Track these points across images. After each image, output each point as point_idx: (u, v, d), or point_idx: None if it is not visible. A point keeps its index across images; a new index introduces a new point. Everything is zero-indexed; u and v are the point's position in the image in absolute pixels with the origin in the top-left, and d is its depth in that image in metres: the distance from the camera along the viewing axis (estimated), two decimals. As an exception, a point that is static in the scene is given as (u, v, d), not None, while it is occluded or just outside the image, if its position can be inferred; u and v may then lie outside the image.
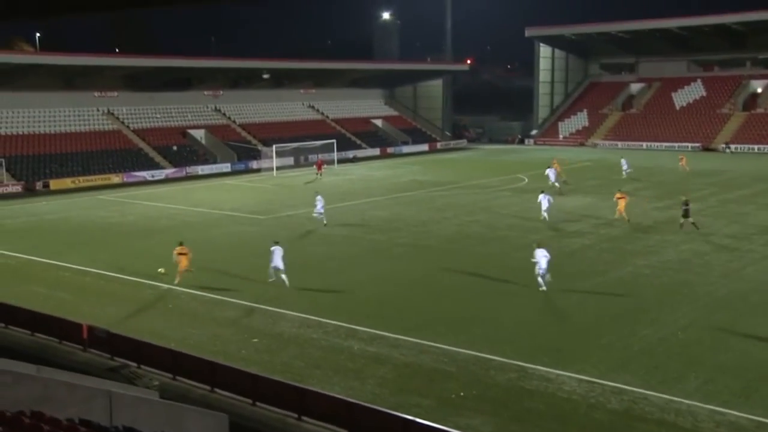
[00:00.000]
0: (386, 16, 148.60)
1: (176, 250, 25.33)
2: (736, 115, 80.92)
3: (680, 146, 76.61)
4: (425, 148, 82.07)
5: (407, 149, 79.74)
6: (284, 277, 24.32)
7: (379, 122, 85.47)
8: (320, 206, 35.75)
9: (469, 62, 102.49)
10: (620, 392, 16.20)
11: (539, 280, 23.82)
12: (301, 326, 20.90)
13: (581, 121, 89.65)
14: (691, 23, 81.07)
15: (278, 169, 61.22)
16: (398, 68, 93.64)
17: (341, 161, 66.68)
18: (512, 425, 14.98)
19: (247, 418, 15.28)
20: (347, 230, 35.08)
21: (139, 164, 60.25)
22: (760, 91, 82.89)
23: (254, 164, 65.01)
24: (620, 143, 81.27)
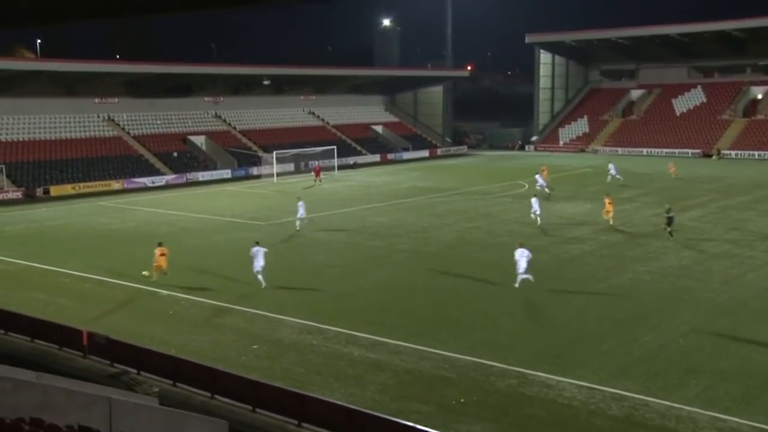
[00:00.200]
0: (387, 22, 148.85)
1: (157, 251, 26.60)
2: (736, 121, 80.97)
3: (681, 152, 76.64)
4: (426, 154, 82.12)
5: (407, 155, 79.78)
6: (260, 277, 25.36)
7: (379, 128, 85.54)
8: (302, 212, 36.23)
9: (469, 68, 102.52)
10: (621, 398, 16.18)
11: (519, 278, 24.66)
12: (301, 332, 20.89)
13: (581, 127, 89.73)
14: (691, 30, 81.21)
15: (278, 175, 61.24)
16: (399, 74, 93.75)
17: (341, 167, 66.71)
18: (513, 432, 14.98)
19: (247, 424, 15.27)
20: (347, 236, 35.09)
21: (139, 170, 60.29)
22: (760, 97, 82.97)
23: (254, 170, 65.03)
24: (620, 149, 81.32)
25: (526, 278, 24.63)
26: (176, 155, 64.93)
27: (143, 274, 27.06)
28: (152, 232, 37.32)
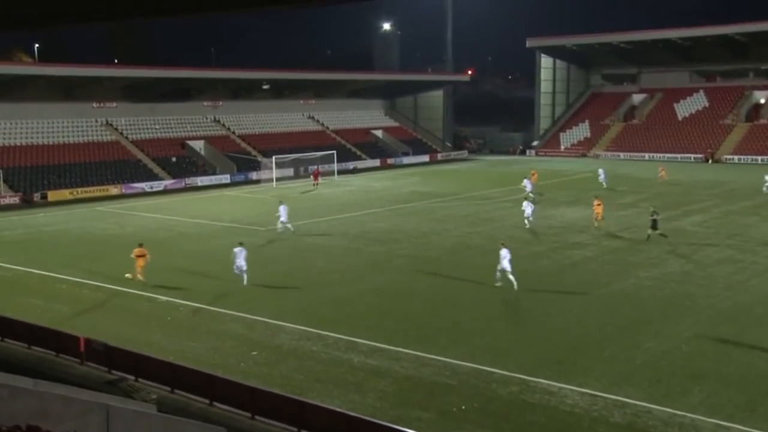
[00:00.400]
0: (387, 26, 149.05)
1: (135, 251, 27.50)
2: (739, 126, 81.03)
3: (683, 157, 76.70)
4: (426, 159, 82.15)
5: (408, 160, 79.81)
6: (244, 275, 26.51)
7: (379, 133, 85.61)
8: (284, 216, 36.52)
9: (470, 73, 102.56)
10: (623, 405, 16.15)
11: (497, 275, 25.53)
12: (300, 339, 20.86)
13: (583, 132, 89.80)
14: (693, 34, 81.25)
15: (278, 180, 61.26)
16: (399, 79, 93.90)
17: (341, 172, 66.72)
18: (514, 439, 14.94)
19: (246, 431, 15.24)
20: (347, 242, 35.07)
21: (137, 175, 60.31)
22: (763, 101, 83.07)
23: (254, 175, 65.06)
24: (622, 154, 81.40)
25: (509, 277, 25.29)
26: (175, 160, 64.95)
27: (126, 276, 27.60)
28: (150, 237, 37.26)
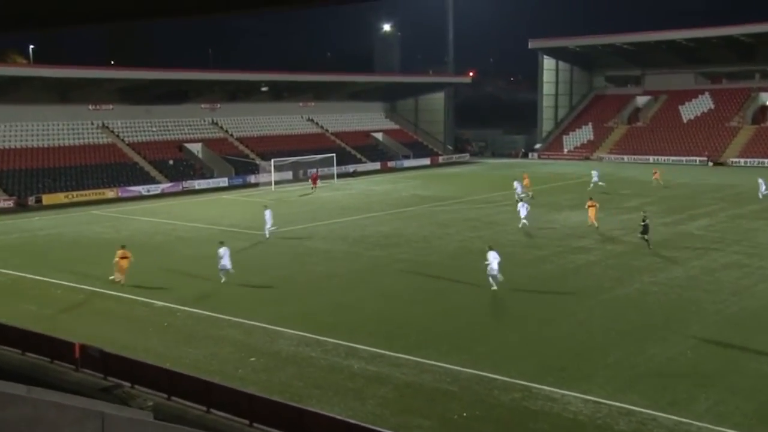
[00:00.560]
0: (387, 28, 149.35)
1: (118, 253, 28.09)
2: (745, 128, 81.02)
3: (688, 160, 76.61)
4: (427, 162, 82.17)
5: (408, 163, 79.81)
6: (228, 268, 27.58)
7: (379, 136, 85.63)
8: (269, 220, 37.16)
9: (471, 75, 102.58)
10: (628, 413, 16.10)
11: (490, 280, 26.04)
12: (299, 344, 20.83)
13: (586, 134, 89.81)
14: (698, 35, 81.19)
15: (277, 183, 61.25)
16: (399, 81, 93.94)
17: (341, 175, 66.74)
18: (517, 447, 14.90)
19: (243, 439, 15.21)
20: (347, 246, 35.06)
21: (134, 179, 60.32)
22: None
23: (252, 179, 65.07)
24: (626, 157, 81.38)
25: (496, 278, 26.15)
26: (172, 163, 64.96)
27: (110, 279, 28.02)
28: (147, 241, 37.30)
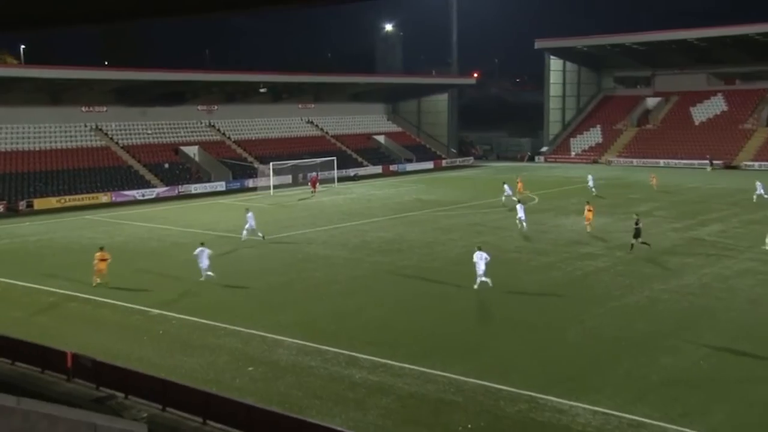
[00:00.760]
0: (389, 27, 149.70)
1: (97, 255, 28.68)
2: (759, 130, 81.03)
3: (700, 164, 76.65)
4: (430, 165, 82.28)
5: (411, 167, 79.94)
6: (210, 273, 28.57)
7: (381, 138, 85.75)
8: (251, 223, 37.50)
9: (475, 75, 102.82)
10: (638, 425, 16.05)
11: (477, 280, 26.76)
12: (299, 353, 20.81)
13: (594, 137, 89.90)
14: (710, 34, 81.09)
15: (275, 188, 61.33)
16: (401, 82, 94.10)
17: (342, 179, 66.80)
18: (524, 460, 14.86)
19: (241, 452, 15.18)
20: (348, 252, 35.06)
21: (128, 183, 60.42)
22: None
23: (250, 183, 65.21)
24: (636, 160, 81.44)
25: (484, 281, 26.69)
26: (167, 167, 65.07)
27: (95, 285, 28.53)
28: (142, 247, 37.33)
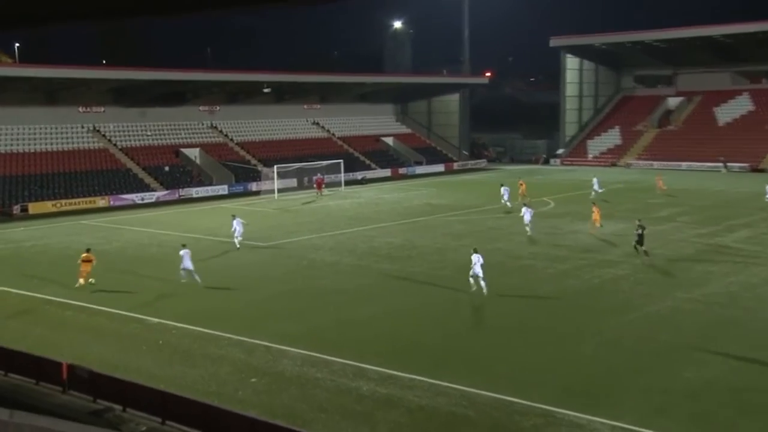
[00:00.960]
0: (398, 24, 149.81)
1: (82, 256, 29.58)
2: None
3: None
4: (441, 168, 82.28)
5: (421, 170, 79.96)
6: (197, 276, 29.25)
7: (390, 140, 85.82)
8: (238, 229, 37.57)
9: (488, 75, 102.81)
10: (661, 441, 15.98)
11: (470, 281, 27.30)
12: (304, 364, 20.81)
13: (613, 139, 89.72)
14: (736, 30, 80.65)
15: (280, 191, 61.42)
16: (411, 81, 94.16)
17: (349, 183, 66.86)
18: (540, 477, 14.81)
19: (243, 467, 15.17)
20: (355, 259, 35.07)
21: (127, 186, 60.60)
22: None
23: (254, 186, 65.31)
24: (657, 163, 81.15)
25: (478, 281, 27.04)
26: (168, 169, 65.26)
27: (90, 281, 29.35)
28: (141, 253, 37.43)
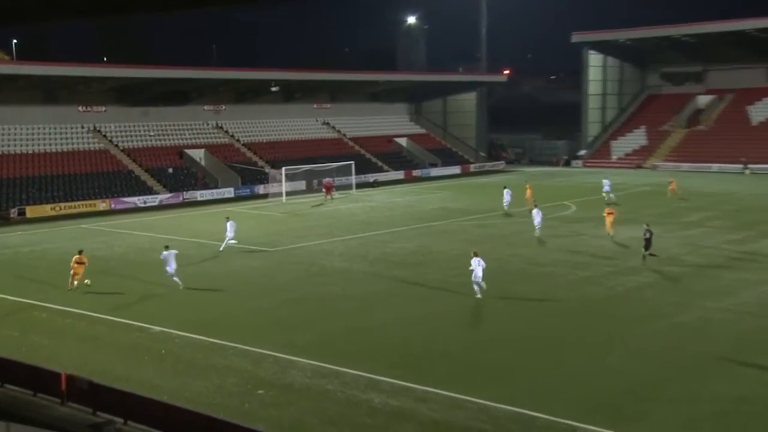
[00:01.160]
0: (412, 20, 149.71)
1: (74, 258, 30.48)
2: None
3: (760, 169, 75.11)
4: (457, 170, 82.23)
5: (436, 172, 79.92)
6: (177, 279, 30.08)
7: (403, 141, 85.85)
8: (230, 233, 38.22)
9: (506, 73, 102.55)
10: (690, 457, 15.87)
11: (475, 287, 27.79)
12: (314, 375, 20.81)
13: (638, 139, 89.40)
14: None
15: (288, 194, 61.53)
16: (426, 80, 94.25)
17: (360, 185, 66.90)
18: (562, 495, 14.73)
19: (250, 483, 15.17)
20: (367, 265, 35.07)
21: (129, 189, 60.86)
22: None
23: (261, 189, 65.43)
24: (685, 165, 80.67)
25: (479, 287, 27.69)
26: (171, 171, 65.52)
27: (86, 282, 30.18)
28: (143, 258, 37.53)
